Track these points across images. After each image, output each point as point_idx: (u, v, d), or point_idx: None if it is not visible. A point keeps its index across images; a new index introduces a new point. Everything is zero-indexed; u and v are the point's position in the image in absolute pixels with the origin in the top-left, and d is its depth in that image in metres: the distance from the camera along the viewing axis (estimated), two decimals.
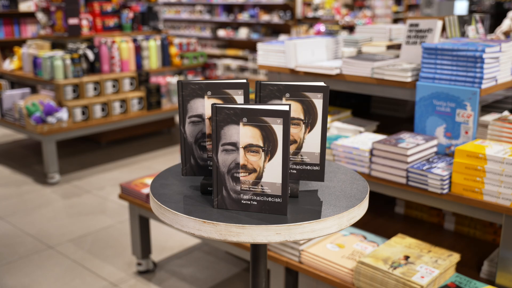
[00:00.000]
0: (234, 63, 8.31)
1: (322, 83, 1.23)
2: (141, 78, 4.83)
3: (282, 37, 7.62)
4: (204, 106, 1.24)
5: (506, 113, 2.11)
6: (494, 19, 7.09)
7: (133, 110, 4.68)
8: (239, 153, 1.11)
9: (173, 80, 5.12)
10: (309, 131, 1.23)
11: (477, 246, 2.21)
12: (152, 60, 5.18)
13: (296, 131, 1.23)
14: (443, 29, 2.37)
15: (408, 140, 2.01)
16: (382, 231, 2.33)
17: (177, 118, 5.67)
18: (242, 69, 8.26)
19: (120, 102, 4.57)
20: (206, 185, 1.23)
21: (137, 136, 5.38)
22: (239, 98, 1.22)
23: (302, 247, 2.04)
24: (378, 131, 2.45)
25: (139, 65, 5.04)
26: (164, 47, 5.28)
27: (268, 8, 8.27)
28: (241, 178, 1.13)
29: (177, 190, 1.26)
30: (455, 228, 2.36)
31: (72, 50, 4.62)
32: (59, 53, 4.53)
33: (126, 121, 4.61)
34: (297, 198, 1.22)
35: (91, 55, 4.64)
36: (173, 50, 5.40)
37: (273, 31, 8.21)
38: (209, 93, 1.23)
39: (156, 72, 5.24)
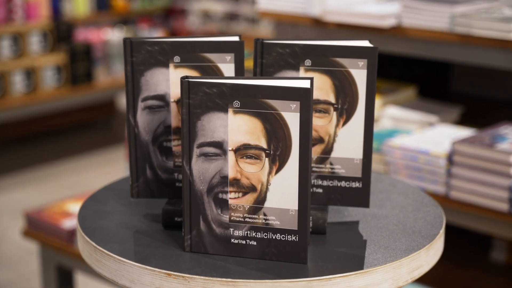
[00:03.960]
0: (217, 8, 8.34)
1: (366, 42, 1.24)
2: (60, 33, 4.83)
3: None
4: (169, 81, 1.25)
5: None
6: None
7: (45, 88, 4.68)
8: (227, 159, 1.13)
9: (115, 36, 5.13)
10: (345, 123, 1.24)
11: None
12: (79, 2, 5.18)
13: (322, 123, 1.25)
14: None
15: None
16: None
17: (122, 101, 5.68)
18: (232, 17, 8.29)
19: (23, 74, 4.57)
20: (171, 213, 1.25)
21: (54, 130, 5.38)
22: (226, 67, 1.24)
23: None
24: (461, 122, 2.46)
25: (56, 10, 5.04)
26: None
27: None
28: (230, 201, 1.14)
29: (123, 222, 1.27)
30: None
31: None
32: None
33: (34, 105, 4.61)
34: (324, 235, 1.23)
35: None
36: None
37: None
38: (176, 59, 1.24)
39: (86, 23, 5.24)
